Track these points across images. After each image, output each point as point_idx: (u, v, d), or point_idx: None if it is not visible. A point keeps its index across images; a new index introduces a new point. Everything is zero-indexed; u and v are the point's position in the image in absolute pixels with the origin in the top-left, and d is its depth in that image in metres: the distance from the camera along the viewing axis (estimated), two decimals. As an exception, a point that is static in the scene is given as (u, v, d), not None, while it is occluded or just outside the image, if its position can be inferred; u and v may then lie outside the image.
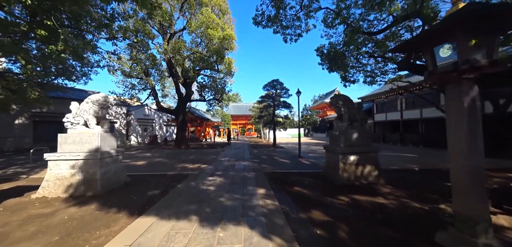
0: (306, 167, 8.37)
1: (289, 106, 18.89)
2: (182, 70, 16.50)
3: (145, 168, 8.33)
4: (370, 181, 5.37)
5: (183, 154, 13.11)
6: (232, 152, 13.90)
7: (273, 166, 8.54)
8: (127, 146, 20.44)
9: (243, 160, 10.16)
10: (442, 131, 11.45)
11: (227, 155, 12.37)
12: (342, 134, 5.56)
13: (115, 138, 5.51)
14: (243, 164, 8.78)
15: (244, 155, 12.33)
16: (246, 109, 50.32)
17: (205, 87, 19.76)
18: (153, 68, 18.92)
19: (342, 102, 5.80)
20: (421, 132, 18.90)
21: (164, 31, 17.07)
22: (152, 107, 26.84)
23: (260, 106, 22.96)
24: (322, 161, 9.68)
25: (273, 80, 18.92)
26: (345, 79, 10.47)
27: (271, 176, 6.57)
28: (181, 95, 18.37)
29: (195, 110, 27.71)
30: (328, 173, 5.90)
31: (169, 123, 26.41)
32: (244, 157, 11.11)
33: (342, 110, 5.82)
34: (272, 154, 12.84)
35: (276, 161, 10.10)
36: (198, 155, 12.27)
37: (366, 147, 5.55)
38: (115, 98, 18.76)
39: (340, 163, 5.44)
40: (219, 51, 16.66)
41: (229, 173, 6.89)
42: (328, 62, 9.38)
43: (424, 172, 7.12)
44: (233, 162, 9.51)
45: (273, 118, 19.31)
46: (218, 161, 9.67)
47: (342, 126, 5.77)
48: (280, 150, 15.98)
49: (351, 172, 5.39)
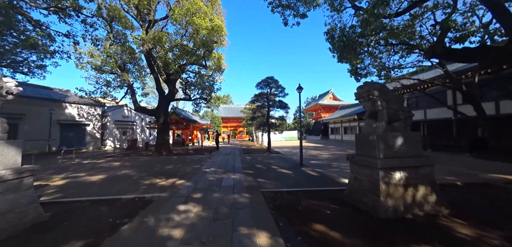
0: (315, 181, 6.46)
1: (286, 106, 17.10)
2: (164, 64, 14.21)
3: (97, 187, 6.05)
4: (427, 210, 3.53)
5: (161, 162, 10.81)
6: (220, 159, 11.78)
7: (272, 180, 6.56)
8: (101, 152, 17.67)
9: (233, 171, 8.11)
10: (450, 133, 10.24)
11: (214, 163, 10.25)
12: (381, 139, 3.71)
13: (16, 148, 3.30)
14: (233, 178, 6.73)
15: (234, 163, 10.26)
16: (237, 111, 48.20)
17: (191, 85, 17.49)
18: (131, 62, 16.49)
19: (378, 93, 3.96)
20: (424, 134, 17.77)
21: (142, 18, 14.73)
22: (132, 108, 24.09)
23: (252, 107, 21.03)
24: (331, 171, 7.88)
25: (268, 77, 17.09)
26: (356, 73, 8.78)
27: (273, 200, 4.59)
28: (162, 94, 16.02)
29: (181, 111, 25.26)
30: (359, 197, 4.00)
31: (152, 125, 23.76)
32: (234, 167, 9.04)
33: (378, 104, 3.98)
34: (268, 162, 10.86)
35: (275, 171, 8.14)
36: (178, 164, 10.04)
37: (416, 158, 3.73)
38: (84, 97, 16.06)
39: (382, 184, 3.56)
40: (207, 44, 14.59)
41: (212, 196, 4.82)
42: (338, 51, 7.60)
43: (477, 188, 5.43)
44: (220, 174, 7.43)
45: (267, 120, 17.42)
46: (201, 173, 7.54)
47: (378, 126, 3.92)
48: (277, 155, 14.06)
49: (398, 197, 3.53)
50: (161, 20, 15.84)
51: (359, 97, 4.32)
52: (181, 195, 4.82)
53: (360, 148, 4.23)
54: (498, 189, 5.40)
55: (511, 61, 5.29)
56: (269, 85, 17.24)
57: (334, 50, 7.62)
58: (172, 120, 22.54)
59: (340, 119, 31.51)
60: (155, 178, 6.93)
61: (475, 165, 8.73)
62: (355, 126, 27.53)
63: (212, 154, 14.92)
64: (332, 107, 43.51)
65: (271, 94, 17.43)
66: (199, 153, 15.49)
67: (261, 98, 17.88)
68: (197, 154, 15.22)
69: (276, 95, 17.44)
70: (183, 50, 14.20)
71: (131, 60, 16.02)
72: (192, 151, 17.74)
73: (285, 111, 17.72)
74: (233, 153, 16.18)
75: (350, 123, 29.14)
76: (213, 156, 13.56)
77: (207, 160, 11.50)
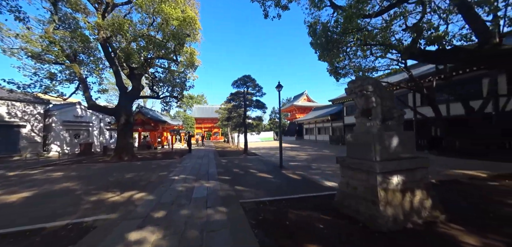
0: (299, 186, 5.93)
1: (263, 106, 16.59)
2: (126, 56, 12.27)
3: (12, 210, 4.47)
4: (425, 217, 3.21)
5: (119, 170, 9.13)
6: (192, 164, 10.58)
7: (252, 187, 5.82)
8: (41, 159, 14.52)
9: (206, 178, 7.12)
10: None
11: (185, 168, 9.05)
12: (377, 140, 3.29)
13: None
14: (207, 187, 5.78)
15: (208, 168, 9.23)
16: (212, 111, 46.34)
17: (159, 81, 15.64)
18: (84, 52, 13.95)
19: (372, 88, 3.56)
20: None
21: (98, 0, 12.54)
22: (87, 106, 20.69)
23: (228, 107, 20.06)
24: (313, 173, 7.47)
25: (245, 76, 16.35)
26: (336, 72, 8.65)
27: (255, 213, 3.85)
28: (124, 90, 13.94)
29: (148, 111, 22.76)
30: (353, 206, 3.53)
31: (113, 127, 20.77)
32: (208, 173, 8.05)
33: (372, 101, 3.58)
34: (246, 165, 10.10)
35: (254, 176, 7.42)
36: (141, 171, 8.56)
37: (412, 159, 3.42)
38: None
39: (380, 190, 3.13)
40: (178, 36, 13.18)
41: (179, 214, 3.85)
42: (320, 47, 7.29)
43: (450, 185, 5.54)
44: (192, 182, 6.40)
45: (244, 121, 16.66)
46: (168, 182, 6.38)
47: (372, 125, 3.51)
48: (254, 157, 13.39)
49: (397, 205, 3.14)
50: (124, 5, 13.78)
51: (350, 93, 3.88)
52: (137, 216, 3.72)
53: (353, 150, 3.78)
54: (466, 185, 5.63)
55: (479, 63, 5.58)
56: (246, 84, 16.52)
57: (316, 47, 7.30)
58: (138, 121, 20.09)
59: (314, 120, 32.56)
60: (107, 191, 5.54)
61: (437, 162, 9.40)
62: (328, 126, 28.67)
63: (183, 158, 13.49)
64: (306, 108, 44.99)
65: (248, 94, 16.75)
66: (168, 157, 13.88)
67: (238, 98, 17.05)
68: (166, 158, 13.60)
69: (253, 95, 16.83)
70: (150, 42, 12.51)
71: (84, 50, 13.55)
72: (161, 154, 15.92)
73: (262, 111, 17.25)
74: (207, 155, 14.98)
75: (324, 124, 30.29)
76: (184, 160, 12.21)
77: (177, 165, 10.19)
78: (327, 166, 9.18)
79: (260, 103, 16.59)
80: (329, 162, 10.35)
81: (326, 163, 10.09)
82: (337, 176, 6.84)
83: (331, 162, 10.31)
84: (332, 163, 9.97)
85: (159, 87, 15.78)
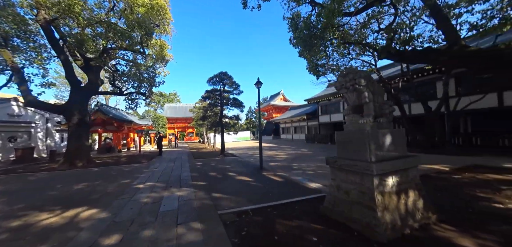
0: (283, 189, 5.51)
1: (241, 105, 15.94)
2: (78, 43, 10.26)
3: None
4: (420, 219, 3.04)
5: (67, 179, 7.51)
6: (162, 168, 9.40)
7: (232, 193, 5.18)
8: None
9: (178, 184, 6.23)
10: None
11: (153, 174, 7.92)
12: (372, 139, 3.01)
13: None
14: (179, 196, 4.95)
15: (181, 172, 8.26)
16: (186, 110, 43.81)
17: (123, 75, 13.70)
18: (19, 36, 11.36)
19: (365, 82, 3.27)
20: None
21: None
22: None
23: (204, 105, 18.89)
24: (295, 174, 7.06)
25: (221, 72, 15.47)
26: (316, 72, 8.53)
27: (238, 227, 3.25)
28: (77, 85, 11.80)
29: (110, 109, 20.07)
30: (346, 212, 3.20)
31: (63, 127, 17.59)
32: (181, 178, 7.12)
33: (365, 96, 3.30)
34: (223, 167, 9.37)
35: (233, 180, 6.78)
36: (97, 180, 7.15)
37: (405, 159, 3.23)
38: None
39: (377, 194, 2.83)
40: (145, 26, 11.72)
41: (140, 237, 3.02)
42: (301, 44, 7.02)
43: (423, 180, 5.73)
44: (160, 191, 5.46)
45: (220, 120, 15.79)
46: (130, 193, 5.33)
47: (365, 122, 3.23)
48: (232, 159, 12.70)
49: (394, 209, 2.89)
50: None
51: (340, 88, 3.56)
52: (77, 245, 2.78)
53: (344, 150, 3.45)
54: (436, 179, 5.92)
55: (448, 63, 5.92)
56: (222, 81, 15.65)
57: (298, 42, 7.01)
58: (97, 121, 17.50)
59: (291, 119, 33.18)
60: (41, 211, 4.28)
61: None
62: (304, 125, 29.45)
63: (152, 161, 12.06)
64: (283, 108, 45.78)
65: (225, 92, 15.92)
66: (134, 161, 12.25)
67: (214, 96, 16.07)
68: (131, 162, 11.97)
69: (230, 93, 16.06)
70: (110, 29, 10.76)
71: (19, 34, 11.01)
72: (125, 158, 14.04)
73: (240, 110, 16.58)
74: (180, 158, 13.74)
75: (300, 123, 31.04)
76: (153, 164, 10.87)
77: (144, 170, 8.92)
78: (307, 165, 9.04)
79: (237, 101, 15.91)
80: (309, 161, 10.29)
81: (306, 162, 9.98)
82: (318, 176, 6.65)
83: (311, 161, 10.26)
84: (312, 162, 9.91)
85: (123, 82, 13.84)
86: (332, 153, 3.97)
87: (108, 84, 15.63)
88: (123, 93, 14.03)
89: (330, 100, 23.29)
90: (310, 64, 8.58)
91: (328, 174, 7.06)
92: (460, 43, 5.20)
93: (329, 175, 3.76)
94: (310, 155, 12.78)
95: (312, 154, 13.20)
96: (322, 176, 6.73)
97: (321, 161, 9.92)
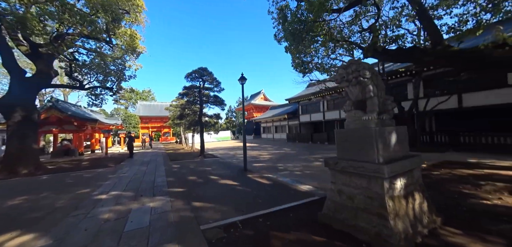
0: (272, 193, 5.03)
1: (222, 102, 15.14)
2: (21, 24, 8.37)
3: None
4: (427, 224, 2.80)
5: (0, 192, 5.98)
6: (133, 172, 8.24)
7: (216, 201, 4.52)
8: None
9: (151, 192, 5.34)
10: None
11: (121, 180, 6.80)
12: (379, 137, 2.69)
13: None
14: (152, 209, 4.14)
15: (155, 177, 7.26)
16: (162, 109, 41.09)
17: (83, 66, 11.81)
18: None
19: (369, 75, 2.94)
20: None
21: None
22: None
23: (181, 103, 17.60)
24: (282, 175, 6.53)
25: (200, 68, 14.48)
26: (302, 69, 8.26)
27: (225, 244, 2.66)
28: (19, 75, 9.75)
29: (69, 105, 17.45)
30: (350, 220, 2.83)
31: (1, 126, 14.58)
32: (154, 185, 6.19)
33: (369, 90, 2.97)
34: (204, 170, 8.57)
35: (216, 184, 6.10)
36: (44, 192, 5.80)
37: (411, 159, 2.99)
38: None
39: (388, 199, 2.50)
40: (111, 10, 10.28)
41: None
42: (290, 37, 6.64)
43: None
44: (127, 203, 4.55)
45: (200, 118, 14.78)
46: (87, 207, 4.32)
47: (370, 119, 2.90)
48: (213, 160, 11.90)
49: (404, 215, 2.59)
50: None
51: (342, 81, 3.19)
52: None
53: (345, 150, 3.09)
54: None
55: (431, 62, 6.08)
56: (202, 78, 14.66)
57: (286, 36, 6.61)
58: (51, 119, 15.01)
59: (272, 118, 33.18)
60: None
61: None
62: (285, 124, 29.64)
63: (120, 165, 10.62)
64: (263, 107, 45.74)
65: (205, 88, 14.95)
66: (98, 165, 10.65)
67: (192, 93, 14.98)
68: (94, 166, 10.37)
69: (211, 90, 15.14)
70: (66, 10, 9.06)
71: None
72: (88, 162, 12.21)
73: (221, 108, 15.75)
74: (154, 160, 12.44)
75: (281, 122, 31.18)
76: (121, 168, 9.53)
77: (110, 176, 7.67)
78: (293, 165, 8.75)
79: (218, 99, 15.07)
80: (294, 161, 10.04)
81: (291, 162, 9.71)
82: (307, 177, 6.34)
83: (296, 160, 10.03)
84: (297, 161, 9.68)
85: (84, 74, 11.95)
86: (315, 151, 3.63)
87: (65, 77, 13.40)
88: (83, 87, 12.13)
89: (311, 100, 23.72)
90: (297, 61, 8.30)
91: (317, 174, 6.89)
92: (443, 44, 5.32)
93: (318, 175, 3.39)
94: (294, 154, 12.62)
95: (295, 153, 13.07)
96: (310, 176, 6.45)
97: (306, 161, 9.75)
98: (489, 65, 4.67)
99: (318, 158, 10.59)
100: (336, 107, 20.34)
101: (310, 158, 10.78)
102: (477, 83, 11.35)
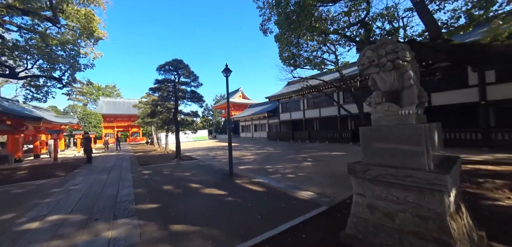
0: (270, 204, 4.18)
1: (200, 99, 13.73)
2: None
3: None
4: (478, 242, 2.28)
5: None
6: (88, 183, 6.54)
7: (201, 223, 3.49)
8: None
9: (111, 213, 4.03)
10: (336, 127, 12.58)
11: (69, 196, 5.19)
12: (429, 137, 2.06)
13: None
14: (109, 240, 2.92)
15: (118, 189, 5.79)
16: (129, 106, 37.00)
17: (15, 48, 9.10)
18: None
19: (410, 57, 2.31)
20: (317, 129, 21.42)
21: None
22: None
23: (153, 99, 15.63)
24: (274, 178, 5.46)
25: (175, 59, 12.84)
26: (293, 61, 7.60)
27: None
28: None
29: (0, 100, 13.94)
30: (387, 244, 2.15)
31: None
32: (117, 200, 4.81)
33: (410, 76, 2.33)
34: (181, 176, 7.30)
35: (199, 196, 5.00)
36: None
37: (457, 162, 2.44)
38: None
39: (450, 220, 1.88)
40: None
41: None
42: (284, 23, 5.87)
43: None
44: (71, 233, 3.22)
45: (175, 116, 13.16)
46: (4, 243, 2.89)
47: (409, 114, 2.27)
48: (191, 163, 10.60)
49: (462, 237, 2.00)
50: None
51: (369, 66, 2.48)
52: None
53: (379, 154, 2.41)
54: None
55: (431, 56, 5.96)
56: (177, 71, 13.04)
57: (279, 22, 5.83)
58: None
59: (251, 117, 32.40)
60: None
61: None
62: (265, 123, 29.16)
63: (72, 174, 8.58)
64: (242, 105, 44.70)
65: (181, 83, 13.36)
66: (40, 175, 8.42)
67: (166, 87, 13.24)
68: (34, 177, 8.15)
69: (188, 85, 13.61)
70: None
71: None
72: (26, 171, 9.71)
73: (199, 105, 14.28)
74: (119, 165, 10.55)
75: (260, 121, 30.61)
76: (74, 178, 7.62)
77: (54, 190, 5.90)
78: (282, 166, 8.08)
79: (196, 94, 13.62)
80: (282, 161, 9.40)
81: (279, 162, 9.04)
82: (302, 181, 5.65)
83: (284, 161, 9.40)
84: (285, 162, 9.05)
85: (17, 59, 9.32)
86: (300, 150, 2.95)
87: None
88: (16, 76, 9.51)
89: (291, 98, 23.59)
90: (286, 54, 7.60)
91: (312, 177, 6.23)
92: (443, 37, 5.15)
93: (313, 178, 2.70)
94: (279, 154, 12.03)
95: (280, 153, 12.49)
96: (305, 180, 5.81)
97: (294, 161, 9.18)
98: (494, 58, 4.58)
99: (305, 157, 10.15)
100: (316, 106, 20.51)
101: (298, 157, 10.27)
102: (445, 83, 12.27)
